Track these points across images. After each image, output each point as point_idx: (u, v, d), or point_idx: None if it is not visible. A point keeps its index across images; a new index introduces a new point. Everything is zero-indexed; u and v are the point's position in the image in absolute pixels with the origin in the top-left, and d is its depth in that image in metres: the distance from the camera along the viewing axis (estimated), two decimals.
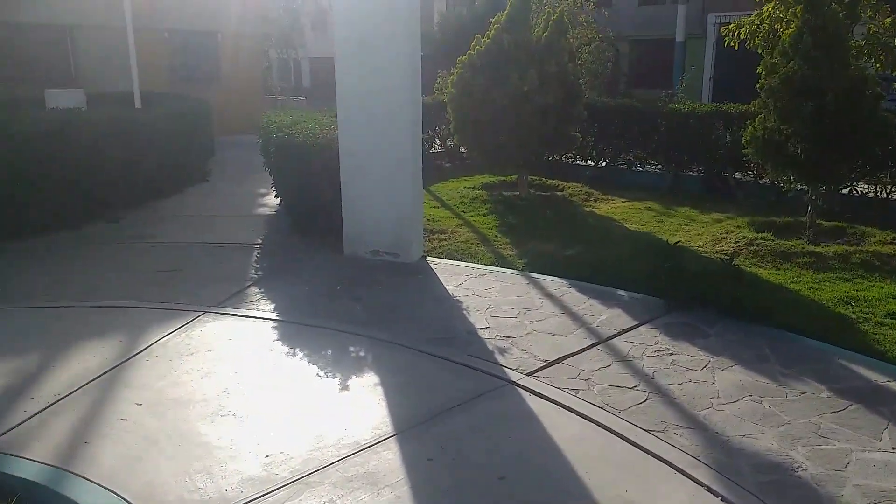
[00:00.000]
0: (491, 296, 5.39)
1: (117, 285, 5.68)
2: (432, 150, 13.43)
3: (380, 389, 3.87)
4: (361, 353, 4.36)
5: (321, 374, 4.07)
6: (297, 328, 4.78)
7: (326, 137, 6.56)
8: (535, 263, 6.36)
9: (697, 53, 23.33)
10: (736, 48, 10.26)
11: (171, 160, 9.62)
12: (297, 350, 4.40)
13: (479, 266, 6.23)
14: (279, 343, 4.51)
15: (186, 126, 10.67)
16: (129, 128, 8.49)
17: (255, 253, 6.68)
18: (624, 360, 4.24)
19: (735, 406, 3.69)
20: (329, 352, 4.38)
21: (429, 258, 6.46)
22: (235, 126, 17.82)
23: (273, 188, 8.31)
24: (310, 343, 4.51)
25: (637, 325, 4.78)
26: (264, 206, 8.84)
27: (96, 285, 5.67)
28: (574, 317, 4.96)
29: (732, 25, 10.15)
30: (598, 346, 4.46)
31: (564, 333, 4.66)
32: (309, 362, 4.22)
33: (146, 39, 17.79)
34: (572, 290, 5.53)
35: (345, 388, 3.90)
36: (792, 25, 7.43)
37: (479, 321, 4.86)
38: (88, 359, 4.25)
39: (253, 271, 6.10)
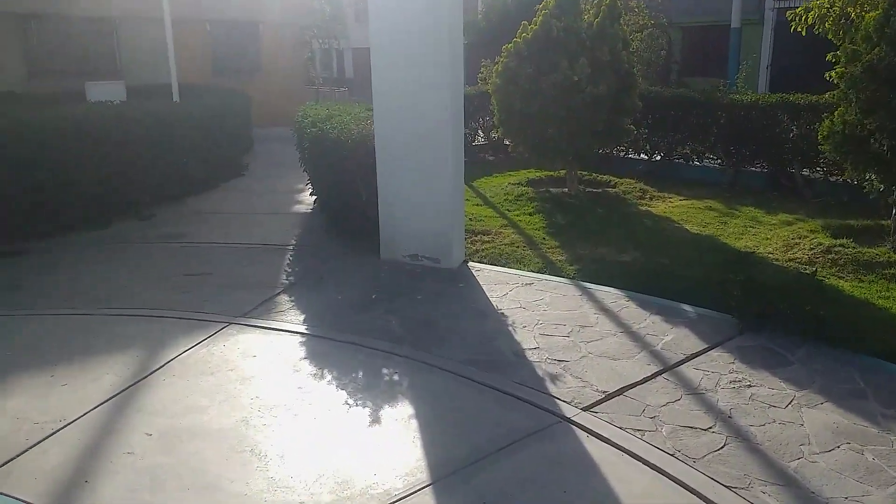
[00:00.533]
0: (539, 309, 4.90)
1: (143, 291, 5.36)
2: (475, 143, 12.94)
3: (414, 423, 3.41)
4: (395, 377, 3.91)
5: (350, 401, 3.64)
6: (326, 344, 4.36)
7: (362, 133, 6.12)
8: (587, 271, 5.83)
9: (753, 40, 22.22)
10: (804, 34, 9.48)
11: (206, 154, 9.35)
12: (325, 371, 3.98)
13: (526, 273, 5.73)
14: (306, 362, 4.10)
15: (224, 119, 10.39)
16: (163, 122, 8.20)
17: (288, 255, 6.30)
18: (695, 393, 3.70)
19: (831, 456, 3.13)
20: (360, 374, 3.94)
21: (471, 263, 5.98)
22: (276, 118, 17.58)
23: (309, 185, 7.93)
24: (339, 362, 4.09)
25: (707, 349, 4.23)
26: (300, 203, 8.47)
27: (120, 291, 5.35)
28: (634, 337, 4.43)
29: (799, 9, 9.37)
30: (665, 375, 3.93)
31: (624, 357, 4.14)
32: (337, 387, 3.80)
33: (188, 31, 17.71)
34: (631, 304, 4.99)
35: (376, 419, 3.46)
36: (879, 7, 6.69)
37: (526, 340, 4.37)
38: (102, 376, 3.91)
39: (284, 276, 5.71)
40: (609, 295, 5.18)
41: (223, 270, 5.87)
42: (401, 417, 3.47)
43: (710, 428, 3.37)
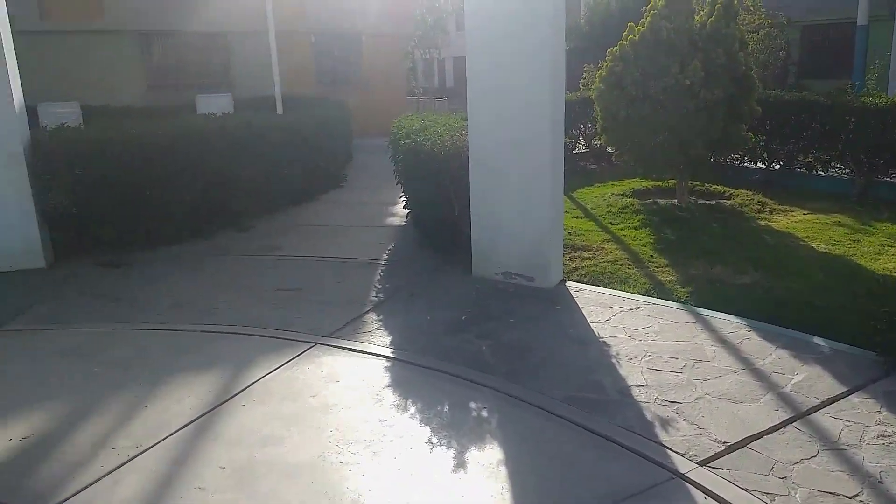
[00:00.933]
0: (648, 339, 4.43)
1: (236, 306, 5.30)
2: (575, 151, 12.44)
3: (503, 471, 3.06)
4: (484, 413, 3.58)
5: (434, 439, 3.34)
6: (412, 370, 4.09)
7: (456, 144, 5.85)
8: (701, 294, 5.29)
9: (882, 39, 20.38)
10: None
11: (306, 166, 9.39)
12: (408, 402, 3.70)
13: (632, 296, 5.26)
14: (390, 391, 3.84)
15: (324, 131, 10.44)
16: (264, 134, 8.27)
17: (379, 271, 6.11)
18: (835, 449, 3.15)
19: None
20: (446, 407, 3.64)
21: (569, 283, 5.57)
22: (377, 128, 17.73)
23: (402, 197, 7.75)
24: (425, 393, 3.80)
25: (847, 393, 3.64)
26: (394, 215, 8.32)
27: (215, 306, 5.31)
28: (758, 375, 3.90)
29: None
30: (796, 424, 3.39)
31: (747, 400, 3.62)
32: (421, 421, 3.51)
33: (293, 43, 18.18)
34: (752, 335, 4.43)
35: (460, 464, 3.14)
36: None
37: (632, 375, 3.93)
38: (183, 398, 3.80)
39: (374, 293, 5.51)
40: (727, 324, 4.63)
41: (314, 286, 5.75)
42: (488, 462, 3.13)
43: (857, 496, 2.82)
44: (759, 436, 3.29)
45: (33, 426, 3.54)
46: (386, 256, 6.54)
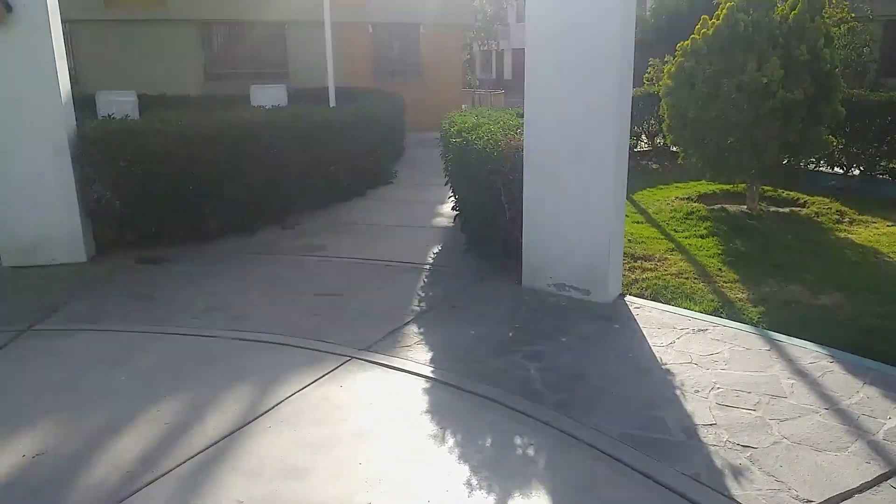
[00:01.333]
0: (716, 367, 3.97)
1: (271, 311, 5.05)
2: (636, 149, 11.89)
3: None
4: (530, 451, 3.20)
5: (473, 481, 2.98)
6: (452, 395, 3.74)
7: (510, 144, 5.46)
8: (775, 316, 4.79)
9: None
10: None
11: (355, 161, 9.15)
12: (447, 433, 3.36)
13: (698, 315, 4.79)
14: (427, 418, 3.50)
15: (376, 124, 10.18)
16: (313, 127, 8.04)
17: (423, 277, 5.78)
18: None
19: None
20: (488, 441, 3.28)
21: (629, 298, 5.13)
22: (432, 122, 17.39)
23: (451, 197, 7.41)
24: (466, 423, 3.45)
25: None
26: (442, 216, 7.99)
27: (249, 310, 5.08)
28: (844, 417, 3.41)
29: None
30: (892, 481, 2.91)
31: (832, 449, 3.15)
32: (460, 458, 3.16)
33: (351, 34, 18.02)
34: (835, 368, 3.93)
35: None
36: None
37: (700, 411, 3.50)
38: (207, 417, 3.55)
39: (416, 302, 5.19)
40: (806, 352, 4.13)
41: (355, 291, 5.46)
42: None
43: None
44: (848, 495, 2.83)
45: (49, 441, 3.34)
46: (431, 261, 6.21)
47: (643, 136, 12.34)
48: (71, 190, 6.19)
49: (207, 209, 6.93)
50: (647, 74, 13.93)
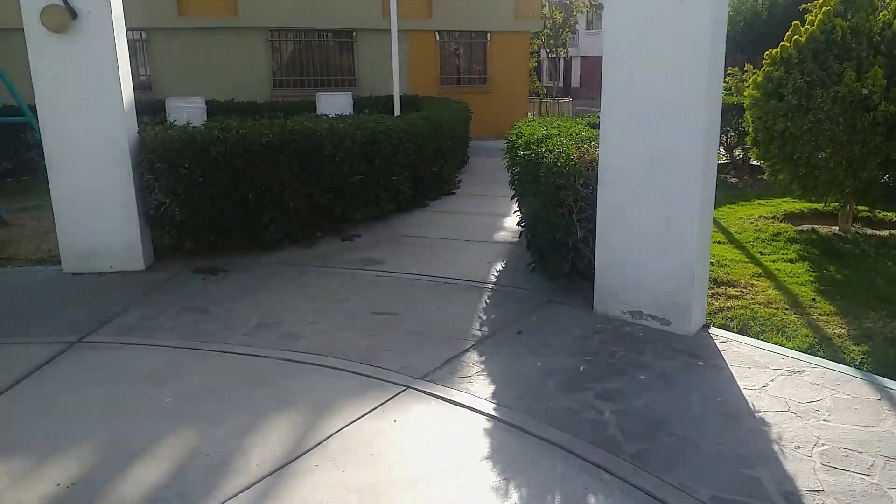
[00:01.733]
0: (819, 418, 3.48)
1: (325, 329, 4.80)
2: None
3: None
4: None
5: None
6: (517, 438, 3.37)
7: (583, 158, 5.06)
8: (882, 357, 4.23)
9: None
10: None
11: (418, 171, 8.89)
12: (510, 486, 2.99)
13: (793, 354, 4.28)
14: (488, 465, 3.14)
15: (440, 133, 9.90)
16: (375, 136, 7.80)
17: (485, 297, 5.42)
18: None
19: None
20: (557, 499, 2.90)
21: (714, 330, 4.66)
22: (498, 130, 17.12)
23: (517, 212, 7.04)
24: (532, 474, 3.07)
25: None
26: (506, 230, 7.62)
27: (302, 328, 4.83)
28: None
29: None
30: None
31: None
32: None
33: (417, 42, 17.91)
34: None
35: None
36: None
37: (802, 473, 3.02)
38: (251, 450, 3.29)
39: (477, 325, 4.83)
40: None
41: (412, 310, 5.15)
42: None
43: None
44: None
45: (84, 469, 3.14)
46: (494, 279, 5.85)
47: (721, 149, 11.68)
48: (130, 197, 6.11)
49: (267, 218, 6.77)
50: (725, 83, 13.24)
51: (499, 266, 6.24)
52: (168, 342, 4.61)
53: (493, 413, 3.58)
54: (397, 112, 11.29)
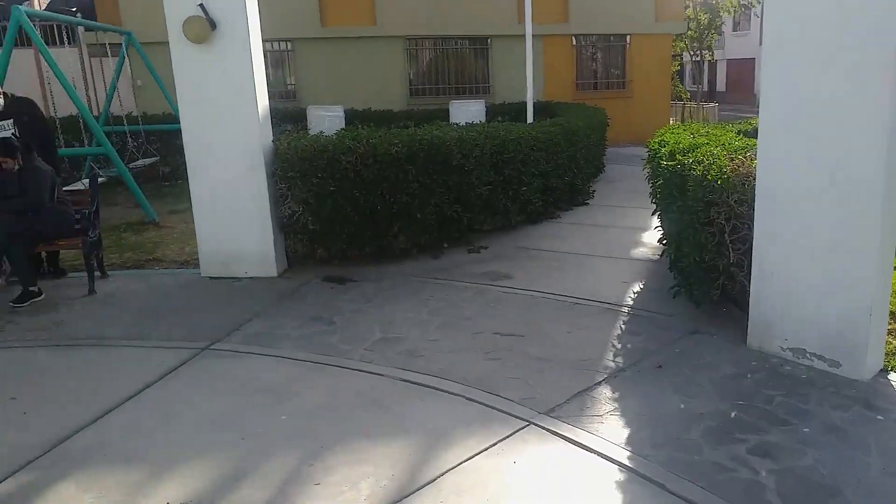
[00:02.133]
0: None
1: (446, 349, 4.57)
2: None
3: None
4: None
5: None
6: (655, 496, 2.94)
7: (738, 171, 4.50)
8: None
9: None
10: None
11: (549, 181, 8.53)
12: None
13: None
14: None
15: (574, 141, 9.47)
16: (505, 145, 7.54)
17: (621, 322, 4.98)
18: None
19: None
20: None
21: (893, 375, 3.95)
22: (636, 136, 16.40)
23: (658, 227, 6.49)
24: None
25: None
26: (645, 247, 7.07)
27: (423, 346, 4.63)
28: None
29: None
30: None
31: None
32: None
33: (554, 46, 17.51)
34: None
35: None
36: None
37: None
38: (359, 482, 3.09)
39: (610, 355, 4.41)
40: None
41: (539, 333, 4.81)
42: None
43: None
44: None
45: (194, 488, 3.07)
46: (630, 302, 5.38)
47: None
48: (265, 205, 6.22)
49: (396, 228, 6.69)
50: None
51: (636, 287, 5.75)
52: (291, 353, 4.56)
53: (626, 462, 3.17)
54: (530, 119, 10.97)
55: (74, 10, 14.54)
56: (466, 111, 13.35)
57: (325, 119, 13.55)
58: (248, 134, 6.06)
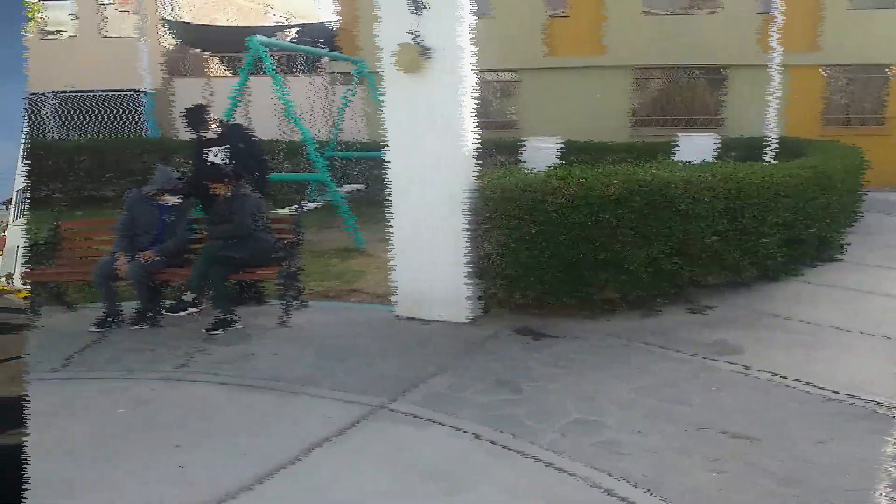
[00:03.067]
0: None
1: (655, 448, 3.72)
2: None
3: None
4: None
5: None
6: None
7: None
8: None
9: None
10: None
11: (790, 231, 7.16)
12: None
13: None
14: None
15: (822, 184, 7.95)
16: (740, 188, 6.42)
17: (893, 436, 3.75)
18: None
19: None
20: None
21: None
22: None
23: None
24: None
25: None
26: None
27: (626, 439, 3.81)
28: None
29: None
30: None
31: None
32: None
33: (801, 77, 15.49)
34: None
35: None
36: None
37: None
38: None
39: (884, 486, 3.26)
40: None
41: (779, 437, 3.77)
42: None
43: None
44: None
45: None
46: None
47: None
48: (460, 245, 5.79)
49: (602, 279, 5.91)
50: None
51: None
52: (471, 426, 3.99)
53: None
54: (769, 158, 9.54)
55: (321, 41, 15.63)
56: (696, 145, 12.21)
57: (541, 151, 13.11)
58: (451, 170, 5.69)
